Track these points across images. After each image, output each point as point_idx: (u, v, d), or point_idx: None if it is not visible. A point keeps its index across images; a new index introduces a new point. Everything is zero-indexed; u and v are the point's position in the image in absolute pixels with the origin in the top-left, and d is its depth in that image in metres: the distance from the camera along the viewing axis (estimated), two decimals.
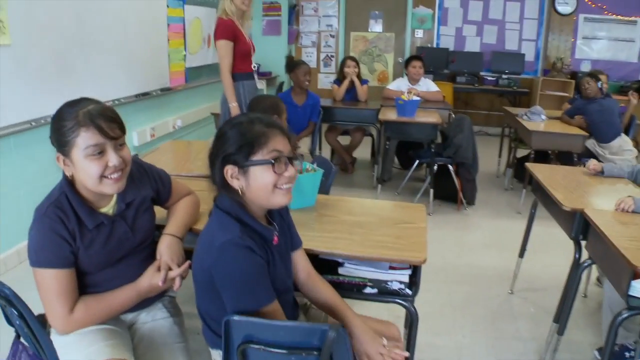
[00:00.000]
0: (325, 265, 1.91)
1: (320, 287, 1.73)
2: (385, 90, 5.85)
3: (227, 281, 1.41)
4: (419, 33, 8.35)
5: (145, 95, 4.96)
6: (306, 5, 8.56)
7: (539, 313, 3.10)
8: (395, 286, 1.89)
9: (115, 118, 1.55)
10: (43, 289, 1.52)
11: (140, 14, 4.80)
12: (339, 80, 5.67)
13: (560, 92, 7.66)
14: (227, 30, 3.88)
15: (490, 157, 6.00)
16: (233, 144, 1.43)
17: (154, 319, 1.84)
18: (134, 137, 4.84)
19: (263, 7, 8.23)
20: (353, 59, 5.59)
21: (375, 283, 1.91)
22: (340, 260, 1.91)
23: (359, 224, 2.05)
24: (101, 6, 4.17)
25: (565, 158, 4.86)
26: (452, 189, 4.79)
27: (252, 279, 1.41)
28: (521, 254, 3.29)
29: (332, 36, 8.60)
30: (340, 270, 1.94)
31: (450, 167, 4.70)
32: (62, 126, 1.49)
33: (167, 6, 5.32)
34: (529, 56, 8.12)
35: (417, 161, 4.96)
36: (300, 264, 1.73)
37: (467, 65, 8.01)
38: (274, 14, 8.25)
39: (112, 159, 1.52)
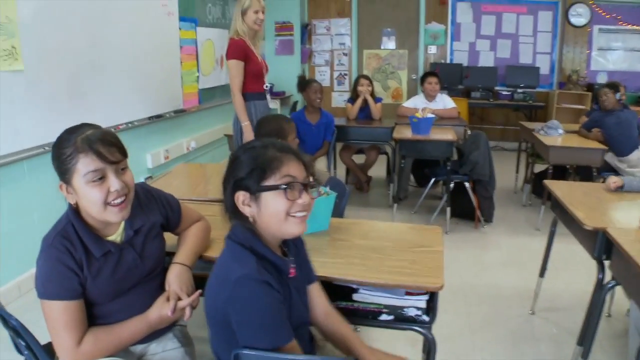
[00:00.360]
0: (339, 291, 1.86)
1: (337, 325, 1.68)
2: (400, 107, 5.81)
3: (243, 319, 1.33)
4: (432, 49, 8.32)
5: (158, 117, 4.97)
6: (318, 25, 8.57)
7: (562, 334, 3.01)
8: (412, 312, 1.83)
9: (115, 142, 1.52)
10: (51, 321, 1.49)
11: (152, 36, 4.82)
12: (352, 99, 5.63)
13: (576, 104, 7.57)
14: (238, 50, 3.87)
15: (507, 173, 5.92)
16: (245, 168, 1.39)
17: (165, 350, 1.80)
18: (148, 159, 4.85)
19: (275, 27, 8.25)
20: (366, 77, 5.55)
21: (391, 309, 1.85)
22: (354, 286, 1.86)
23: (374, 248, 2.00)
24: (113, 30, 4.19)
25: (584, 172, 4.78)
26: (469, 207, 4.72)
27: (270, 317, 1.34)
28: (542, 274, 3.20)
29: (345, 54, 8.59)
30: (355, 297, 1.88)
31: (467, 184, 4.63)
32: (61, 154, 1.46)
33: (179, 29, 5.34)
34: (544, 69, 8.04)
35: (433, 179, 4.90)
36: (317, 300, 1.67)
37: (482, 80, 7.94)
38: (286, 34, 8.27)
39: (114, 184, 1.49)
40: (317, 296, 1.67)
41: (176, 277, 1.71)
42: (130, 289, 1.65)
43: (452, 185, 4.62)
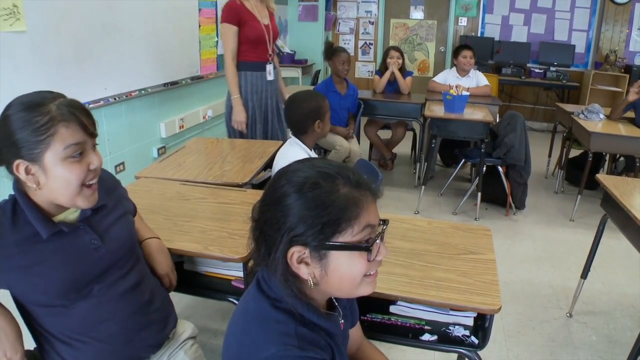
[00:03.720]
0: (373, 300, 1.60)
1: (370, 356, 1.41)
2: (431, 82, 5.46)
3: None
4: (463, 21, 7.92)
5: (174, 84, 4.71)
6: None
7: (602, 342, 2.76)
8: (459, 332, 1.58)
9: (89, 111, 1.30)
10: None
11: None
12: (380, 71, 5.32)
13: (612, 86, 7.18)
14: (230, 13, 3.47)
15: (536, 155, 5.55)
16: (306, 219, 0.98)
17: None
18: (162, 129, 4.60)
19: None
20: (397, 49, 5.22)
21: (434, 326, 1.61)
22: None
23: (417, 253, 1.74)
24: None
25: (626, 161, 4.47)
26: (500, 192, 4.44)
27: None
28: (584, 274, 2.93)
29: (371, 23, 8.21)
30: (392, 309, 1.63)
31: (500, 168, 4.33)
32: (29, 123, 1.19)
33: None
34: (580, 48, 7.61)
35: (463, 160, 4.60)
36: (353, 333, 1.35)
37: (513, 56, 7.55)
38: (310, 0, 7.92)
39: (94, 160, 1.28)
40: (353, 330, 1.36)
41: (160, 252, 1.61)
42: (92, 283, 1.35)
43: (484, 168, 4.32)
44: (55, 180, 1.24)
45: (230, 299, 1.76)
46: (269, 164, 2.72)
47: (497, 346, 2.70)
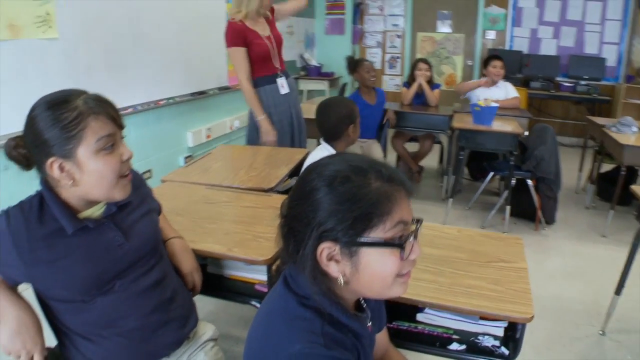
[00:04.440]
0: (400, 308, 1.56)
1: None
2: (461, 84, 5.35)
3: None
4: (491, 34, 7.84)
5: (201, 94, 4.75)
6: (371, 4, 8.16)
7: None
8: (488, 342, 1.53)
9: (114, 105, 1.32)
10: None
11: (197, 9, 4.58)
12: (408, 83, 5.29)
13: None
14: (236, 35, 3.39)
15: (566, 170, 5.42)
16: (336, 213, 0.94)
17: None
18: (189, 138, 4.63)
19: (326, 5, 7.93)
20: (425, 61, 5.19)
21: (462, 336, 1.56)
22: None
23: (446, 260, 1.69)
24: (156, 1, 3.96)
25: None
26: (529, 206, 4.34)
27: None
28: (618, 291, 2.83)
29: (399, 36, 8.19)
30: (419, 317, 1.59)
31: (530, 181, 4.25)
32: (61, 119, 1.21)
33: (227, 2, 5.06)
34: (611, 61, 7.46)
35: (491, 173, 4.52)
36: (380, 339, 1.31)
37: (542, 69, 7.43)
38: (337, 12, 7.94)
39: (126, 151, 1.31)
40: (379, 335, 1.32)
41: (185, 251, 1.60)
42: (114, 279, 1.36)
43: (513, 182, 4.24)
44: (91, 174, 1.26)
45: (253, 303, 1.73)
46: (294, 172, 2.70)
47: None
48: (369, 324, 1.12)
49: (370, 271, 0.97)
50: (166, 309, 1.47)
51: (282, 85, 3.62)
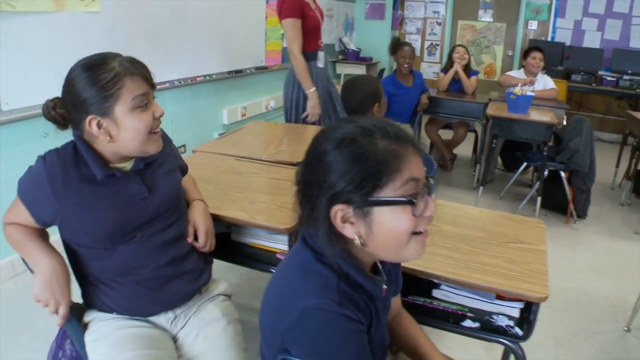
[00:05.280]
0: (417, 283, 1.58)
1: (406, 325, 1.38)
2: (505, 75, 5.27)
3: (309, 357, 1.00)
4: (533, 25, 7.68)
5: (238, 72, 4.80)
6: None
7: None
8: (502, 322, 1.54)
9: (147, 66, 1.42)
10: (12, 210, 1.43)
11: None
12: (445, 69, 5.26)
13: None
14: (293, 6, 3.38)
15: (603, 166, 5.36)
16: (346, 173, 0.95)
17: (204, 325, 1.58)
18: (224, 115, 4.69)
19: None
20: (463, 47, 5.15)
21: (477, 314, 1.57)
22: (435, 280, 1.57)
23: (464, 238, 1.70)
24: None
25: None
26: (561, 199, 4.28)
27: (344, 357, 1.00)
28: None
29: (439, 23, 8.11)
30: (435, 293, 1.61)
31: (563, 173, 4.19)
32: (99, 79, 1.30)
33: None
34: None
35: (524, 164, 4.48)
36: (393, 302, 1.32)
37: (585, 62, 7.25)
38: None
39: (158, 109, 1.41)
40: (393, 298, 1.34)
41: (204, 213, 1.64)
42: (135, 230, 1.45)
43: (545, 173, 4.19)
44: (126, 131, 1.35)
45: (274, 271, 1.76)
46: None
47: (545, 353, 2.60)
48: (385, 287, 1.13)
49: (384, 230, 0.97)
50: (180, 263, 1.55)
51: (320, 58, 3.63)
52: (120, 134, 1.35)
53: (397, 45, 4.73)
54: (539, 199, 4.20)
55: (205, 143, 2.70)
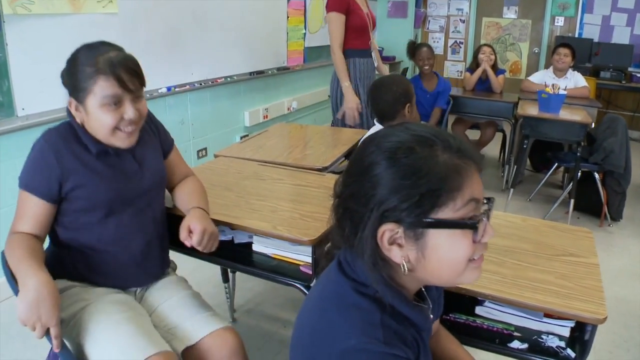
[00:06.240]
0: (458, 299, 1.46)
1: (446, 345, 1.26)
2: (525, 82, 5.17)
3: None
4: (560, 21, 7.49)
5: (260, 73, 4.72)
6: None
7: None
8: (552, 342, 1.41)
9: (136, 69, 1.47)
10: (19, 210, 1.49)
11: None
12: (471, 69, 5.13)
13: None
14: (338, 1, 3.50)
15: (636, 167, 5.17)
16: (399, 189, 0.83)
17: (170, 295, 1.68)
18: (246, 117, 4.61)
19: None
20: (489, 46, 5.03)
21: (524, 333, 1.45)
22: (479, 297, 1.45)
23: (510, 250, 1.58)
24: None
25: None
26: (594, 201, 4.13)
27: None
28: None
29: (462, 21, 7.94)
30: (478, 310, 1.49)
31: (597, 175, 4.03)
32: (79, 71, 1.41)
33: None
34: None
35: (555, 165, 4.32)
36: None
37: (614, 59, 7.03)
38: None
39: (129, 111, 1.45)
40: None
41: (199, 218, 1.61)
42: (131, 201, 1.57)
43: (578, 174, 4.03)
44: (94, 121, 1.45)
45: (297, 285, 1.66)
46: (351, 153, 2.62)
47: None
48: (431, 315, 1.01)
49: (439, 256, 0.85)
50: (161, 242, 1.70)
51: (376, 59, 3.78)
52: (90, 122, 1.46)
53: (414, 49, 4.70)
54: (572, 201, 4.04)
55: (228, 147, 2.62)
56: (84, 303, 1.49)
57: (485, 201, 0.89)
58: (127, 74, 1.43)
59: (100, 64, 1.40)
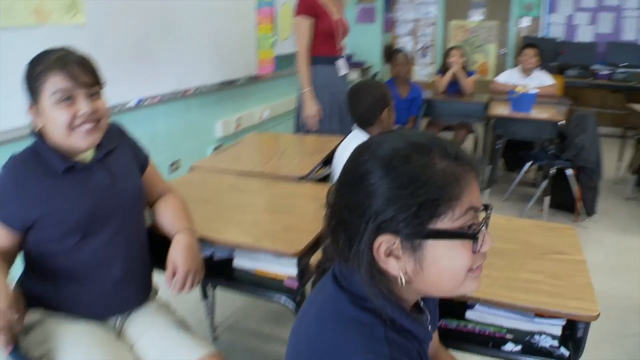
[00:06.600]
0: (447, 305, 1.43)
1: None
2: (493, 83, 5.23)
3: None
4: (525, 21, 7.59)
5: (230, 83, 4.65)
6: None
7: None
8: (545, 342, 1.40)
9: (90, 66, 1.45)
10: None
11: None
12: (442, 71, 5.16)
13: None
14: (306, 5, 3.48)
15: (605, 161, 5.25)
16: (396, 199, 0.80)
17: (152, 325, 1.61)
18: (218, 128, 4.55)
19: None
20: (459, 48, 5.08)
21: (516, 335, 1.43)
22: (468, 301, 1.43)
23: (499, 252, 1.56)
24: None
25: None
26: (567, 197, 4.18)
27: None
28: None
29: (430, 24, 8.00)
30: (469, 315, 1.47)
31: (570, 171, 4.08)
32: (32, 71, 1.40)
33: None
34: None
35: (529, 163, 4.37)
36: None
37: (578, 57, 7.16)
38: (368, 0, 7.76)
39: (82, 106, 1.41)
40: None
41: (189, 249, 1.56)
42: (104, 221, 1.49)
43: (552, 171, 4.07)
44: (48, 122, 1.41)
45: (282, 300, 1.62)
46: (328, 160, 2.59)
47: None
48: (430, 326, 0.98)
49: (438, 268, 0.83)
50: (141, 264, 1.63)
51: (341, 66, 3.70)
52: (47, 125, 1.42)
53: (390, 53, 4.73)
54: (546, 198, 4.09)
55: (203, 159, 2.58)
56: (57, 344, 1.43)
57: (482, 208, 0.87)
58: (78, 68, 1.41)
59: (51, 61, 1.38)
